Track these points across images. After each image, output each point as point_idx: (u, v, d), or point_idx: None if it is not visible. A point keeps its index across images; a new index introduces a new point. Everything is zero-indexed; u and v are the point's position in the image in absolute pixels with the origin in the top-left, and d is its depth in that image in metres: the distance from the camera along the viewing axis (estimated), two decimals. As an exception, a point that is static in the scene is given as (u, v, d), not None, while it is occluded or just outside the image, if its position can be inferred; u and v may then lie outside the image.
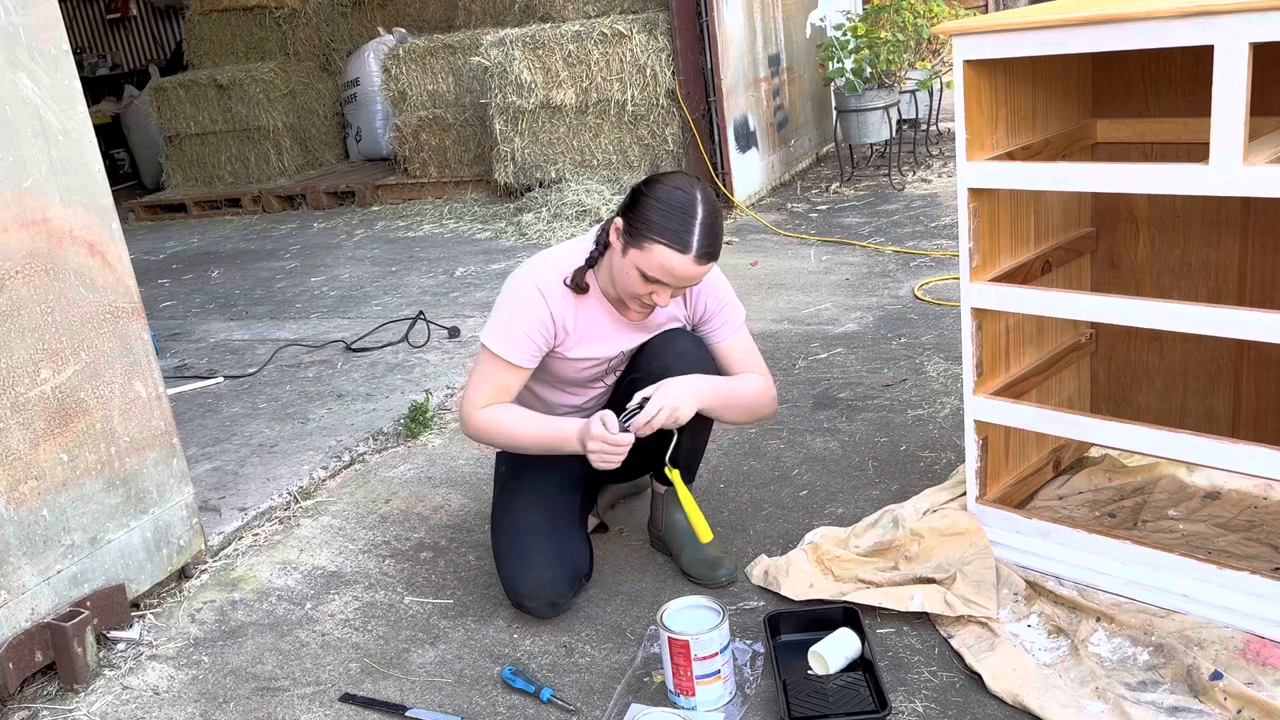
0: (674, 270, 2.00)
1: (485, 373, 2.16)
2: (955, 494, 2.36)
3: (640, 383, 2.19)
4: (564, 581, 2.19)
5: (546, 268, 2.17)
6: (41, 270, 2.18)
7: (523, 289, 2.14)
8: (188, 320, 4.96)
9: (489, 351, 2.15)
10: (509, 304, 2.14)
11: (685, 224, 1.99)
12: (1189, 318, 1.81)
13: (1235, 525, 2.22)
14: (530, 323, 2.12)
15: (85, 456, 2.29)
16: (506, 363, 2.14)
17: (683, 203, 2.00)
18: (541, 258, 2.20)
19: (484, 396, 2.16)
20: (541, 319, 2.13)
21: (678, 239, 1.98)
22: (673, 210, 1.99)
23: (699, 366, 2.20)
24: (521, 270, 2.17)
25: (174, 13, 11.22)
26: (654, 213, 2.00)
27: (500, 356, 2.13)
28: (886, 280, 4.26)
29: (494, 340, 2.14)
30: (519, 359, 2.14)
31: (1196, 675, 1.78)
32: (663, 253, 1.99)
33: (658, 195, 2.02)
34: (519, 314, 2.12)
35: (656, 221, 1.99)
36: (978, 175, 2.01)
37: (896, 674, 1.94)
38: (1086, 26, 1.77)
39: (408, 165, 7.22)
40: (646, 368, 2.21)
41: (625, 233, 2.05)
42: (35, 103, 2.16)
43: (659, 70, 5.82)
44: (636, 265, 2.02)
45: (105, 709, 2.14)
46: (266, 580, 2.57)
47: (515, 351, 2.13)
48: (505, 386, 2.17)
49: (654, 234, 1.99)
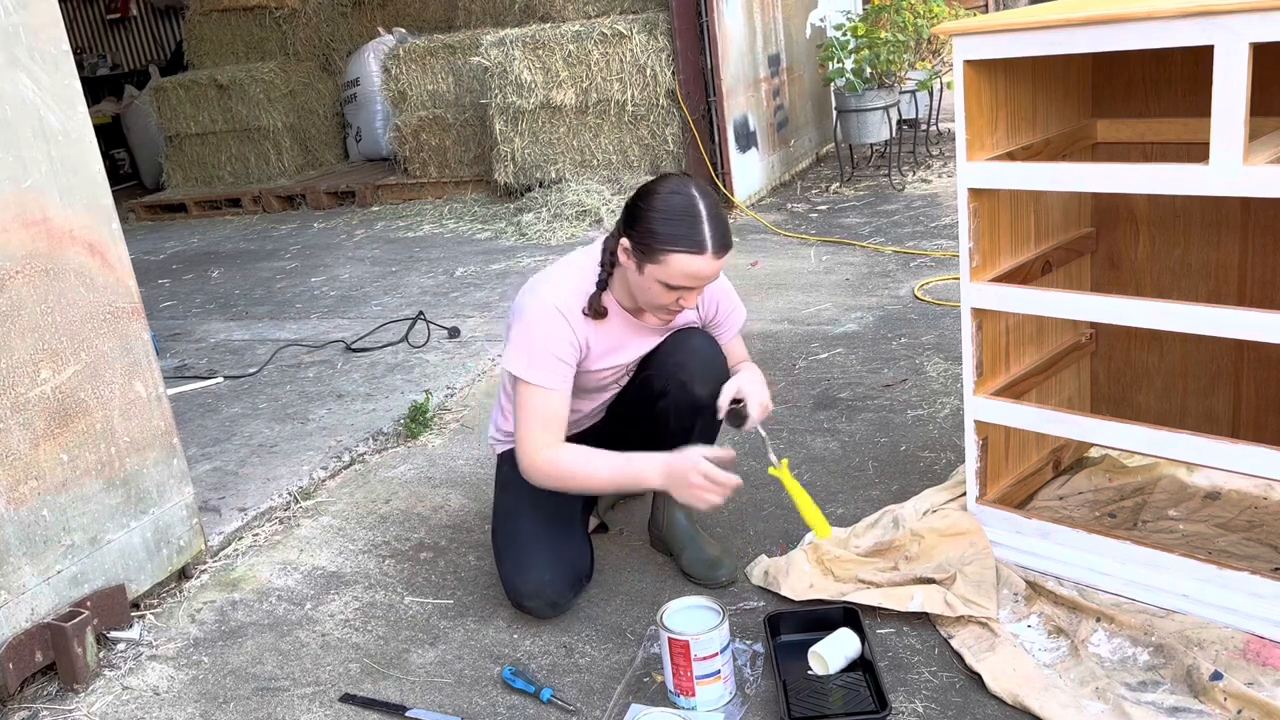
0: (697, 273, 2.00)
1: (530, 408, 2.08)
2: (955, 494, 2.36)
3: (654, 380, 2.21)
4: (565, 582, 2.19)
5: (559, 288, 2.12)
6: (41, 270, 2.18)
7: (544, 313, 2.09)
8: (188, 320, 4.97)
9: (527, 384, 2.08)
10: (534, 331, 2.08)
11: (693, 225, 1.98)
12: (1189, 318, 1.81)
13: (1235, 525, 2.22)
14: (559, 345, 2.08)
15: (85, 456, 2.29)
16: (547, 390, 2.08)
17: (684, 205, 1.99)
18: (549, 280, 2.15)
19: (538, 435, 2.08)
20: (568, 339, 2.09)
21: (691, 242, 1.98)
22: (676, 216, 1.98)
23: (713, 362, 2.22)
24: (535, 296, 2.11)
25: (174, 13, 11.22)
26: (659, 224, 1.99)
27: (540, 385, 2.07)
28: (886, 280, 4.26)
29: (529, 371, 2.07)
30: (557, 383, 2.09)
31: (1196, 675, 1.78)
32: (681, 260, 1.98)
33: (656, 206, 2.00)
34: (547, 339, 2.07)
35: (665, 232, 1.98)
36: (978, 175, 2.01)
37: (896, 674, 1.94)
38: (1086, 26, 1.77)
39: (408, 165, 7.22)
40: (660, 365, 2.22)
41: (636, 251, 2.02)
42: (35, 103, 2.16)
43: (659, 70, 5.82)
44: (657, 279, 2.01)
45: (105, 709, 2.14)
46: (266, 580, 2.57)
47: (551, 377, 2.08)
48: (554, 415, 2.09)
49: (667, 245, 1.98)
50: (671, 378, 2.20)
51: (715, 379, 2.23)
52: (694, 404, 2.22)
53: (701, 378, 2.20)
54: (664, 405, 2.22)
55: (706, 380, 2.21)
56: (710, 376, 2.22)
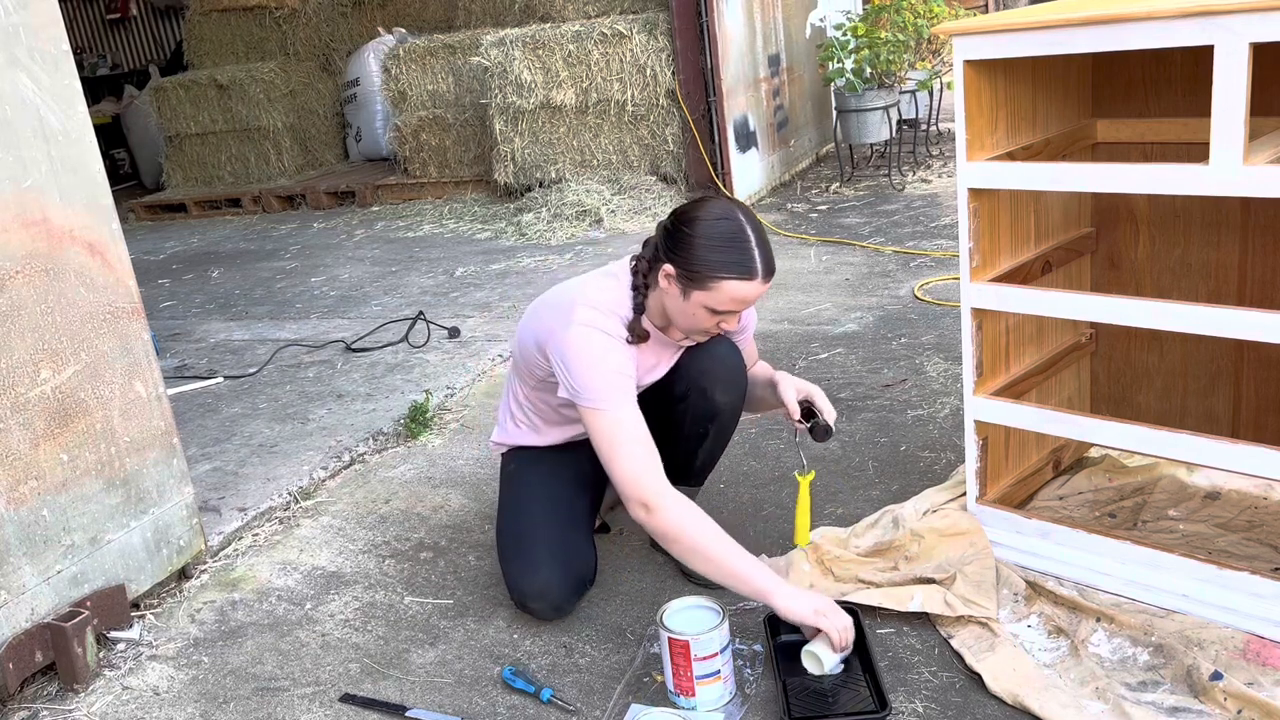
0: (745, 298, 2.00)
1: (621, 436, 1.98)
2: (955, 494, 2.36)
3: (675, 383, 2.22)
4: (570, 585, 2.18)
5: (597, 314, 2.06)
6: (41, 270, 2.18)
7: (596, 341, 2.02)
8: (188, 320, 4.97)
9: (607, 413, 1.99)
10: (594, 360, 2.01)
11: (744, 251, 1.97)
12: (1189, 318, 1.81)
13: (1235, 525, 2.22)
14: (621, 366, 2.04)
15: (85, 456, 2.29)
16: (626, 409, 2.00)
17: (732, 231, 1.98)
18: (582, 306, 2.07)
19: (647, 466, 1.97)
20: (625, 360, 2.05)
21: (742, 269, 1.97)
22: (725, 243, 1.97)
23: (735, 370, 2.24)
24: (580, 328, 2.04)
25: (174, 13, 11.22)
26: (708, 251, 1.97)
27: (620, 409, 2.00)
28: (886, 280, 4.26)
29: (604, 399, 1.99)
30: (631, 400, 2.03)
31: (1196, 675, 1.78)
32: (732, 287, 1.97)
33: (704, 232, 1.98)
34: (608, 364, 2.02)
35: (716, 260, 1.96)
36: (978, 175, 2.01)
37: (896, 674, 1.94)
38: (1087, 26, 1.77)
39: (408, 165, 7.22)
40: (684, 369, 2.23)
41: (681, 278, 2.00)
42: (35, 103, 2.16)
43: (659, 70, 5.82)
44: (704, 305, 2.01)
45: (105, 709, 2.14)
46: (266, 580, 2.57)
47: (624, 397, 2.02)
48: (648, 440, 2.00)
49: (718, 272, 1.97)
50: (693, 383, 2.21)
51: (736, 387, 2.25)
52: (712, 411, 2.23)
53: (723, 386, 2.22)
54: (682, 409, 2.24)
55: (728, 388, 2.23)
56: (731, 384, 2.24)
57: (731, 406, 2.25)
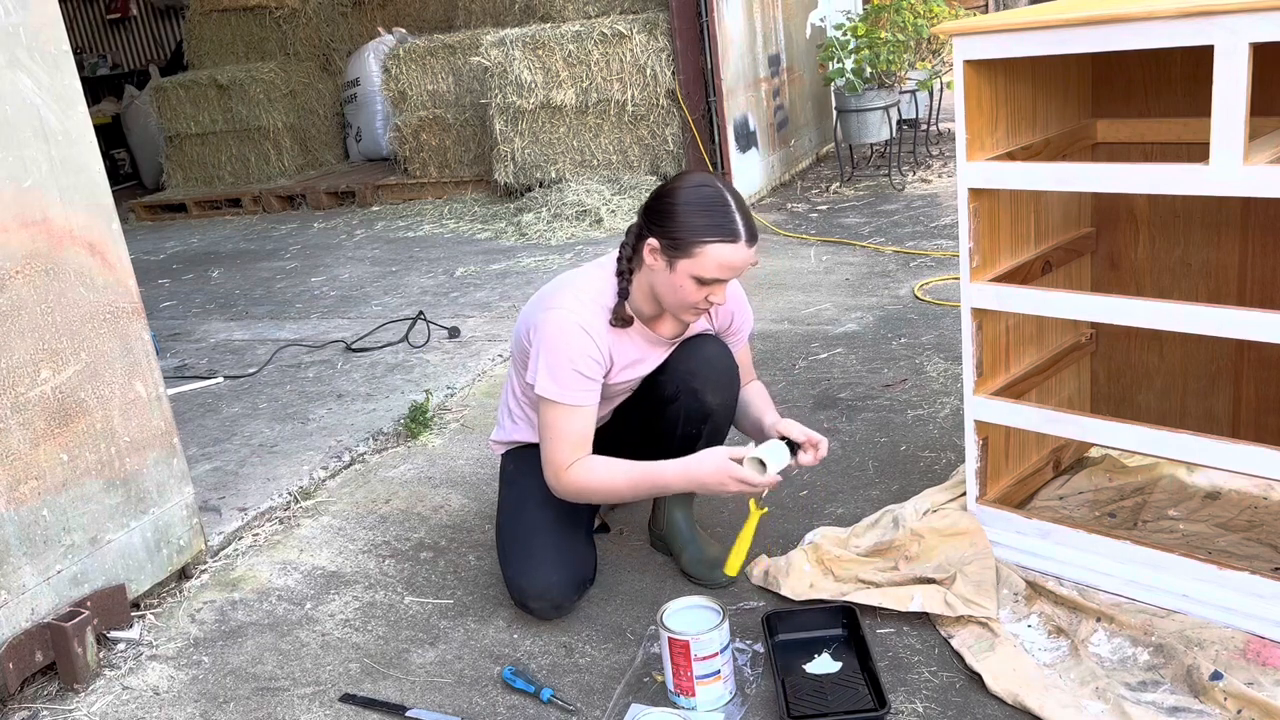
0: (732, 262, 2.01)
1: (557, 427, 2.08)
2: (955, 494, 2.36)
3: (665, 384, 2.21)
4: (570, 584, 2.18)
5: (579, 304, 2.10)
6: (41, 270, 2.18)
7: (568, 331, 2.06)
8: (188, 320, 4.97)
9: (553, 403, 2.07)
10: (560, 349, 2.06)
11: (726, 214, 1.99)
12: (1189, 318, 1.81)
13: (1235, 525, 2.22)
14: (585, 363, 2.07)
15: (85, 456, 2.29)
16: (574, 408, 2.07)
17: (713, 196, 2.01)
18: (565, 294, 2.12)
19: (565, 453, 2.08)
20: (594, 356, 2.08)
21: (726, 231, 1.99)
22: (708, 207, 1.99)
23: (726, 372, 2.23)
24: (556, 312, 2.09)
25: (174, 13, 11.22)
26: (690, 216, 1.99)
27: (567, 404, 2.07)
28: (886, 280, 4.26)
29: (555, 390, 2.06)
30: (584, 400, 2.08)
31: (1196, 675, 1.78)
32: (717, 250, 1.99)
33: (686, 199, 2.00)
34: (573, 357, 2.06)
35: (699, 224, 1.98)
36: (978, 175, 2.01)
37: (896, 674, 1.94)
38: (1086, 26, 1.77)
39: (408, 165, 7.23)
40: (673, 370, 2.22)
41: (667, 248, 2.02)
42: (35, 103, 2.16)
43: (659, 70, 5.82)
44: (691, 273, 2.01)
45: (105, 709, 2.14)
46: (266, 580, 2.57)
47: (579, 395, 2.07)
48: (581, 434, 2.09)
49: (702, 236, 1.98)
50: (683, 384, 2.20)
51: (727, 389, 2.24)
52: (704, 412, 2.22)
53: (714, 387, 2.21)
54: (674, 410, 2.22)
55: (718, 390, 2.22)
56: (722, 386, 2.23)
57: (724, 407, 2.24)
